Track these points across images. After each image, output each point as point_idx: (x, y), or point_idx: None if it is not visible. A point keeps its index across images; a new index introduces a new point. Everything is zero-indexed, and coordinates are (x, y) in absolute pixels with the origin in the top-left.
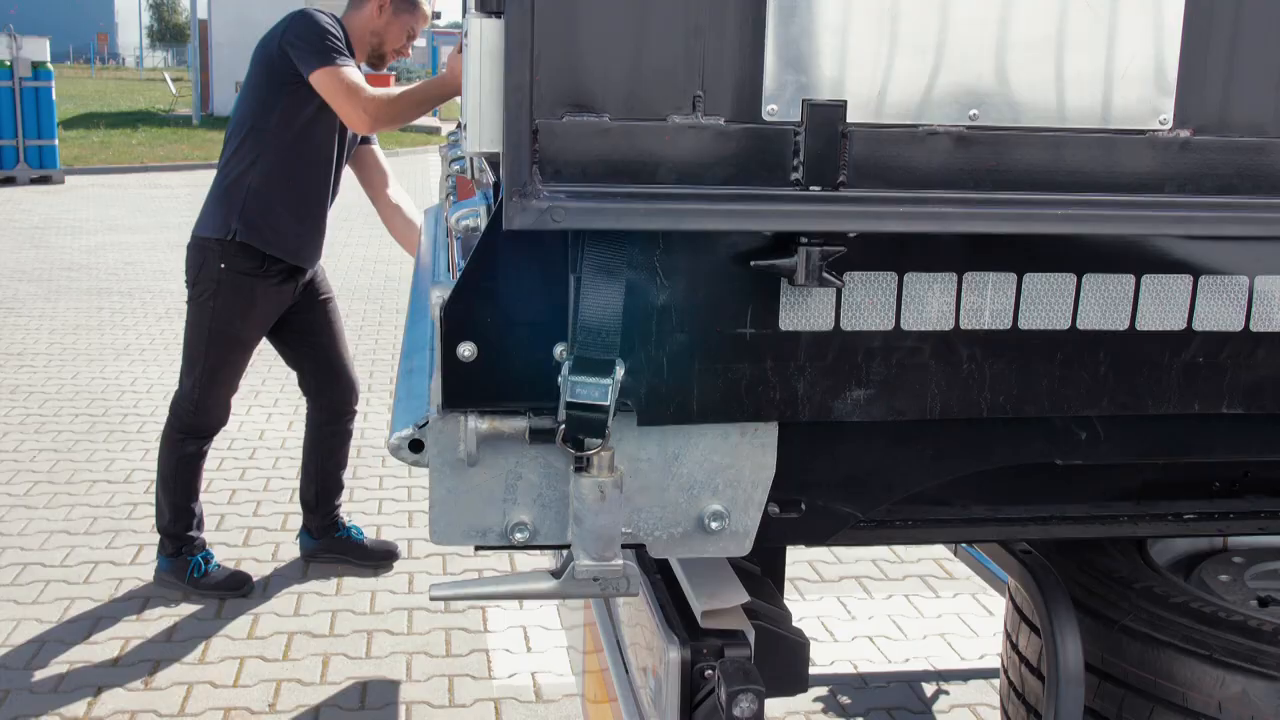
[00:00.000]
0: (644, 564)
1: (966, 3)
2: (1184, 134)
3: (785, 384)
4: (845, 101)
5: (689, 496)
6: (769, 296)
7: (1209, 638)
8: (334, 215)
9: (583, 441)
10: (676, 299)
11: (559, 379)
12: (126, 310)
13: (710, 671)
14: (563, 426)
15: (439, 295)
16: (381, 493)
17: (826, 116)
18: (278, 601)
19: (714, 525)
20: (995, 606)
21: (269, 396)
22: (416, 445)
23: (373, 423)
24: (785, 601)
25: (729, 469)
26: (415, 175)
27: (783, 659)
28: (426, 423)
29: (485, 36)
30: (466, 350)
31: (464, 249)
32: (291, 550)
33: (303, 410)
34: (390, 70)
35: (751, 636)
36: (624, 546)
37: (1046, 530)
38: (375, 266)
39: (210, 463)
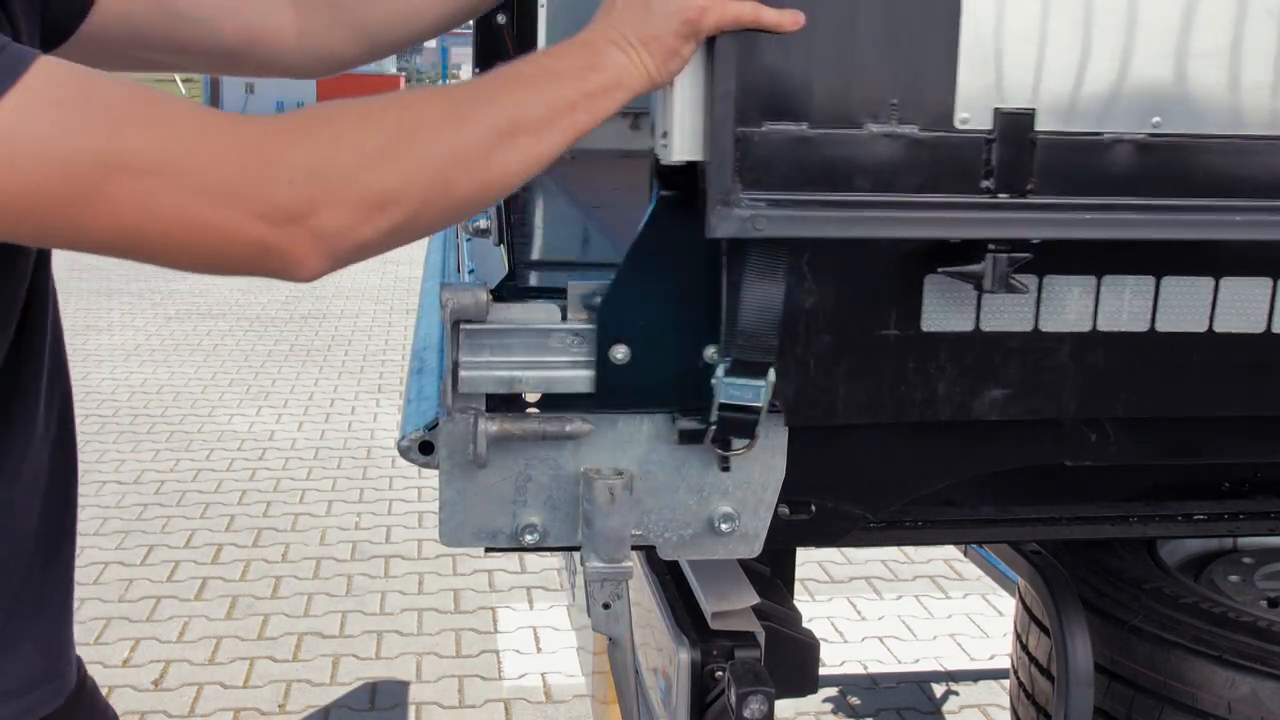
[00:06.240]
0: (654, 565)
1: (1151, 12)
2: None
3: (925, 384)
4: (1034, 109)
5: (699, 498)
6: (911, 299)
7: (1219, 638)
8: None
9: (730, 442)
10: (829, 302)
11: (712, 381)
12: (136, 311)
13: (720, 673)
14: (713, 427)
15: (449, 296)
16: (391, 494)
17: (1017, 124)
18: (288, 603)
19: (724, 527)
20: (1005, 607)
21: (278, 397)
22: (426, 447)
23: (383, 424)
24: (795, 602)
25: (739, 471)
26: None
27: (793, 660)
28: (436, 424)
29: None
30: (619, 353)
31: (473, 250)
32: (302, 551)
33: (312, 410)
34: (400, 71)
35: (761, 638)
36: (634, 548)
37: (1056, 531)
38: (384, 267)
39: (220, 463)
